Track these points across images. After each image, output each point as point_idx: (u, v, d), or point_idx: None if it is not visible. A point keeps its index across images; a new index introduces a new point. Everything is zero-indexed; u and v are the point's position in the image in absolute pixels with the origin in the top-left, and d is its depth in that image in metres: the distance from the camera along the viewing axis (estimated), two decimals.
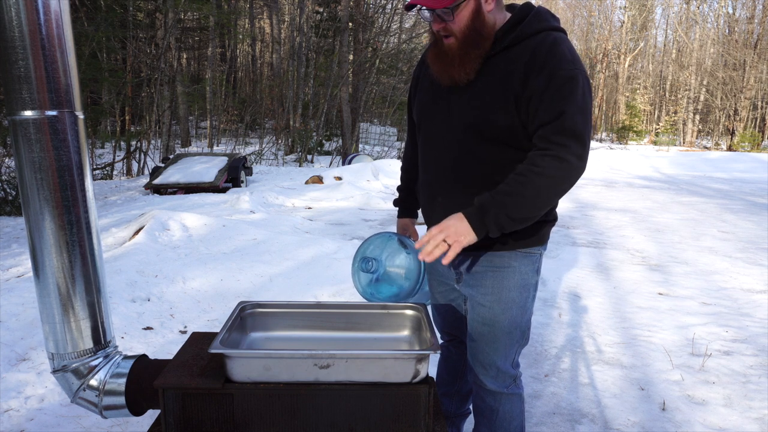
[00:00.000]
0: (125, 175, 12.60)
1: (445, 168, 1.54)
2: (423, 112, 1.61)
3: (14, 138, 1.22)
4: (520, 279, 1.56)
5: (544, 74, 1.36)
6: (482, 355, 1.61)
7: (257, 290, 3.86)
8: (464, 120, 1.47)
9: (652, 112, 38.85)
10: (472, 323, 1.62)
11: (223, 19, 18.28)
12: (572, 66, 1.37)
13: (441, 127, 1.54)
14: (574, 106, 1.35)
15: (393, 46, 20.94)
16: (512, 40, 1.42)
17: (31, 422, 2.21)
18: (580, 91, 1.36)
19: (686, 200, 9.28)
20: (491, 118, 1.43)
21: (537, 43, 1.39)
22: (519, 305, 1.57)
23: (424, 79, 1.62)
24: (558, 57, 1.37)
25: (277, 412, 1.20)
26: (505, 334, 1.58)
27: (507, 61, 1.42)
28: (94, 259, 1.33)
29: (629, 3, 35.98)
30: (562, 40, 1.41)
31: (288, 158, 16.41)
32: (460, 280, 1.63)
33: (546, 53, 1.37)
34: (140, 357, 1.42)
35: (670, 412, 2.46)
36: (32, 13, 1.15)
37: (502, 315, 1.56)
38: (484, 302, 1.57)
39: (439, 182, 1.57)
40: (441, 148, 1.55)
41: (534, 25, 1.42)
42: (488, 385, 1.65)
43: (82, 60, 10.19)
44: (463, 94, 1.48)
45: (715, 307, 3.83)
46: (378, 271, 1.73)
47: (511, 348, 1.62)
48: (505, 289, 1.55)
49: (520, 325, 1.60)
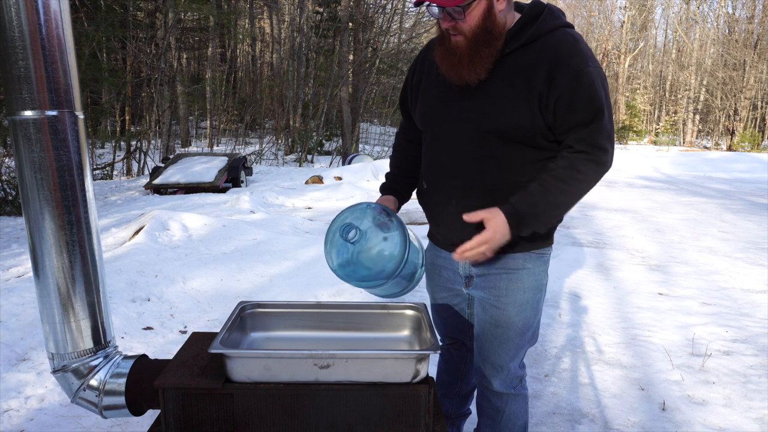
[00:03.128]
0: (125, 175, 12.60)
1: (461, 172, 1.49)
2: (430, 114, 1.55)
3: (14, 138, 1.22)
4: (534, 280, 1.56)
5: (567, 73, 1.35)
6: (494, 356, 1.61)
7: (257, 290, 3.86)
8: (482, 122, 1.43)
9: (652, 112, 38.85)
10: (484, 325, 1.61)
11: (223, 19, 18.27)
12: (593, 63, 1.38)
13: (453, 130, 1.49)
14: (604, 106, 1.37)
15: (393, 46, 20.96)
16: (530, 37, 1.39)
17: (31, 422, 2.21)
18: (605, 89, 1.39)
19: (686, 200, 9.28)
20: (513, 119, 1.40)
21: (557, 41, 1.38)
22: (532, 306, 1.58)
23: (429, 79, 1.56)
24: (583, 55, 1.37)
25: (277, 412, 1.20)
26: (518, 335, 1.58)
27: (525, 59, 1.39)
28: (94, 259, 1.33)
29: (629, 3, 35.96)
30: (580, 38, 1.41)
31: (288, 158, 16.41)
32: (470, 284, 1.61)
33: (570, 50, 1.37)
34: (140, 357, 1.42)
35: (670, 412, 2.46)
36: (32, 13, 1.15)
37: (516, 317, 1.56)
38: (498, 304, 1.56)
39: (454, 187, 1.52)
40: (454, 152, 1.50)
41: (549, 22, 1.41)
42: (496, 387, 1.65)
43: (82, 60, 10.19)
44: (479, 95, 1.43)
45: (715, 307, 3.83)
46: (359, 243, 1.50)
47: (522, 349, 1.62)
48: (519, 290, 1.55)
49: (532, 326, 1.61)
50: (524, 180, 1.43)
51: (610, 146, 1.39)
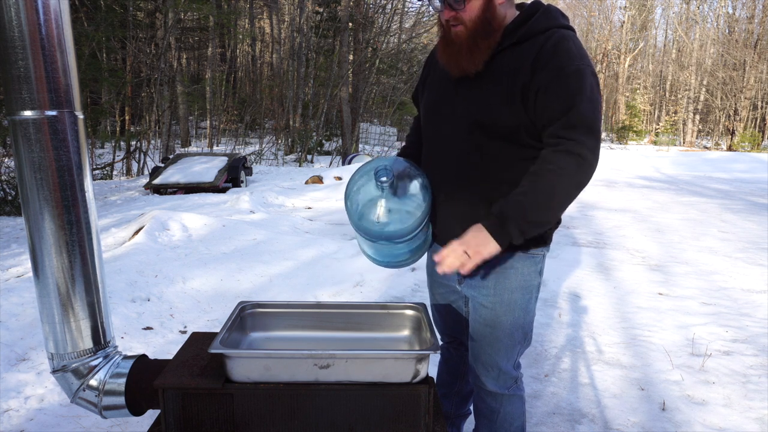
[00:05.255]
0: (125, 175, 12.60)
1: (449, 165, 1.53)
2: (429, 108, 1.59)
3: (14, 138, 1.22)
4: (522, 280, 1.55)
5: (549, 68, 1.35)
6: (484, 356, 1.61)
7: (257, 290, 3.86)
8: (469, 116, 1.47)
9: (652, 112, 38.84)
10: (474, 324, 1.62)
11: (223, 19, 18.27)
12: (579, 61, 1.36)
13: (446, 123, 1.53)
14: (583, 99, 1.34)
15: (393, 46, 20.95)
16: (521, 37, 1.41)
17: (31, 422, 2.21)
18: (588, 85, 1.36)
19: (686, 200, 9.28)
20: (496, 114, 1.42)
21: (544, 40, 1.39)
22: (521, 307, 1.57)
23: (434, 76, 1.61)
24: (564, 52, 1.36)
25: (277, 412, 1.20)
26: (506, 335, 1.58)
27: (515, 57, 1.41)
28: (94, 259, 1.33)
29: (629, 3, 35.97)
30: (570, 37, 1.40)
31: (288, 158, 16.41)
32: (461, 282, 1.62)
33: (552, 49, 1.37)
34: (140, 357, 1.42)
35: (670, 412, 2.46)
36: (32, 13, 1.15)
37: (504, 316, 1.56)
38: (486, 303, 1.57)
39: (443, 179, 1.54)
40: (444, 145, 1.54)
41: (543, 22, 1.42)
42: (489, 387, 1.65)
43: (82, 60, 10.18)
44: (471, 89, 1.47)
45: (715, 307, 3.83)
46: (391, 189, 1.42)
47: (513, 349, 1.61)
48: (507, 290, 1.55)
49: (523, 326, 1.60)
50: (509, 177, 1.43)
51: (587, 137, 1.33)
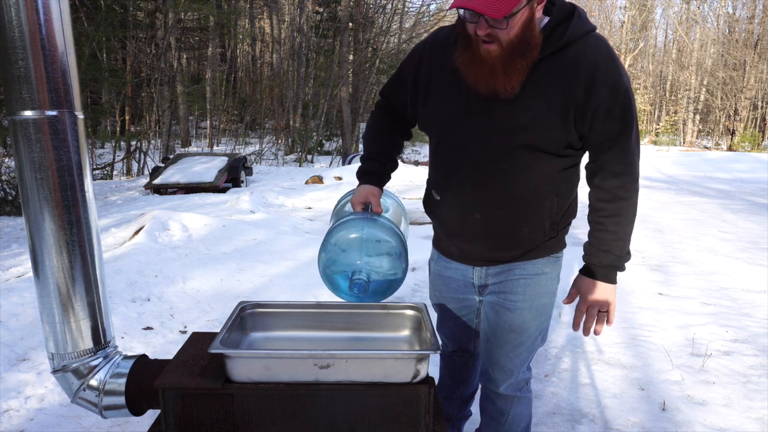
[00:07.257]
0: (125, 175, 12.60)
1: (486, 184, 1.42)
2: (448, 124, 1.44)
3: (14, 138, 1.22)
4: (551, 285, 1.56)
5: (608, 83, 1.32)
6: (505, 360, 1.59)
7: (257, 290, 3.86)
8: (516, 136, 1.35)
9: (652, 112, 38.82)
10: (496, 329, 1.58)
11: (223, 19, 18.27)
12: (626, 73, 1.37)
13: (478, 141, 1.40)
14: (634, 122, 1.38)
15: (393, 46, 20.94)
16: (563, 44, 1.31)
17: (31, 422, 2.21)
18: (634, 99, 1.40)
19: (686, 200, 9.27)
20: (548, 133, 1.34)
21: (592, 49, 1.32)
22: (548, 311, 1.58)
23: (443, 83, 1.43)
24: (618, 65, 1.34)
25: (277, 412, 1.20)
26: (531, 339, 1.58)
27: (558, 66, 1.31)
28: (94, 259, 1.33)
29: (629, 3, 35.94)
30: (609, 44, 1.37)
31: (288, 158, 16.41)
32: (483, 292, 1.59)
33: (607, 61, 1.32)
34: (140, 357, 1.42)
35: (670, 412, 2.45)
36: (32, 13, 1.15)
37: (531, 321, 1.55)
38: (514, 309, 1.54)
39: (477, 199, 1.45)
40: (478, 164, 1.41)
41: (579, 27, 1.33)
42: (502, 390, 1.64)
43: (82, 60, 10.19)
44: (510, 106, 1.34)
45: (716, 307, 3.83)
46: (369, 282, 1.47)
47: (533, 352, 1.62)
48: (537, 295, 1.54)
49: (544, 329, 1.61)
50: (546, 189, 1.43)
51: (638, 158, 1.43)
